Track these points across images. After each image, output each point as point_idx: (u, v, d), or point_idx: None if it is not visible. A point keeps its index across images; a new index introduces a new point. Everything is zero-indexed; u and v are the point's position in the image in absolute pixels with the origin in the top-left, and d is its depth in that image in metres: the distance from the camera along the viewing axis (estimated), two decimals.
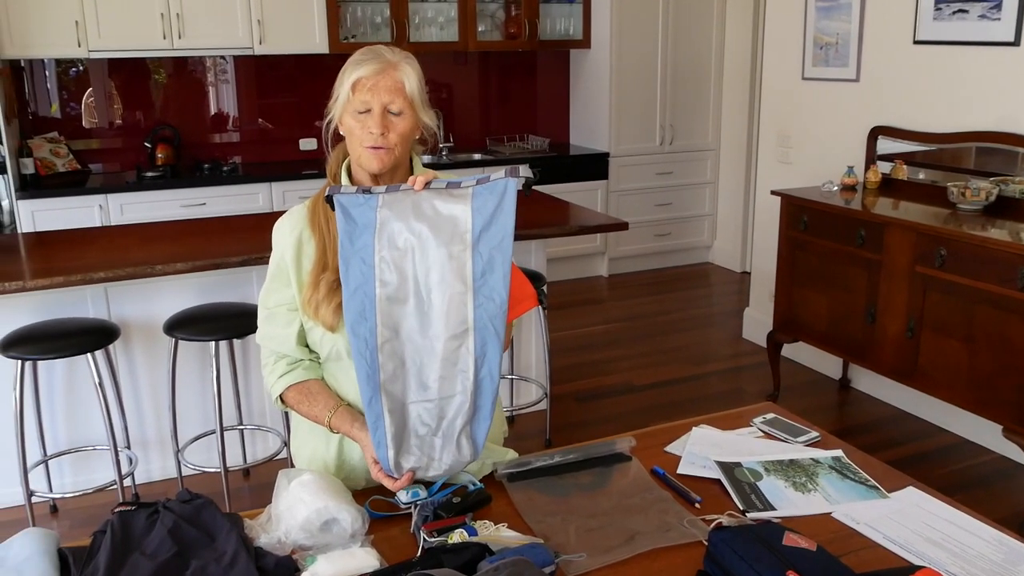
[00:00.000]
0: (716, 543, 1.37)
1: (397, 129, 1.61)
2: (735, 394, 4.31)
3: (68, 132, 5.23)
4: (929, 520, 1.55)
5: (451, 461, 1.51)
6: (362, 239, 1.47)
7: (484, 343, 1.47)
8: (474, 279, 1.45)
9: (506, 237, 1.45)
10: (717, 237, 6.69)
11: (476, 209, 1.45)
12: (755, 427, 1.93)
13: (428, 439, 1.51)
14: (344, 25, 5.45)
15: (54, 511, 3.30)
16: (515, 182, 1.44)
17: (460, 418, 1.49)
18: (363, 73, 1.59)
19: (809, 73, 4.41)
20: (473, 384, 1.48)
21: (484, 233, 1.45)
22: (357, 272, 1.47)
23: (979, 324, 3.11)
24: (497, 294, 1.46)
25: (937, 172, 3.81)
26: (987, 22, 3.48)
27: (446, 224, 1.45)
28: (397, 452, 1.51)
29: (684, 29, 6.16)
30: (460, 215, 1.45)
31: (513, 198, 1.44)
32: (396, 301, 1.47)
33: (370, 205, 1.47)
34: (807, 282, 3.88)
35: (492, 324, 1.47)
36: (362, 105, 1.59)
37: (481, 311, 1.46)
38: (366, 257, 1.46)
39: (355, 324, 1.47)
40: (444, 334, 1.47)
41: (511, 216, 1.44)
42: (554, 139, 6.51)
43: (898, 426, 3.94)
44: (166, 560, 1.34)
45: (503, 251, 1.45)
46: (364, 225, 1.47)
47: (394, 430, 1.50)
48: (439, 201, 1.46)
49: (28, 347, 2.85)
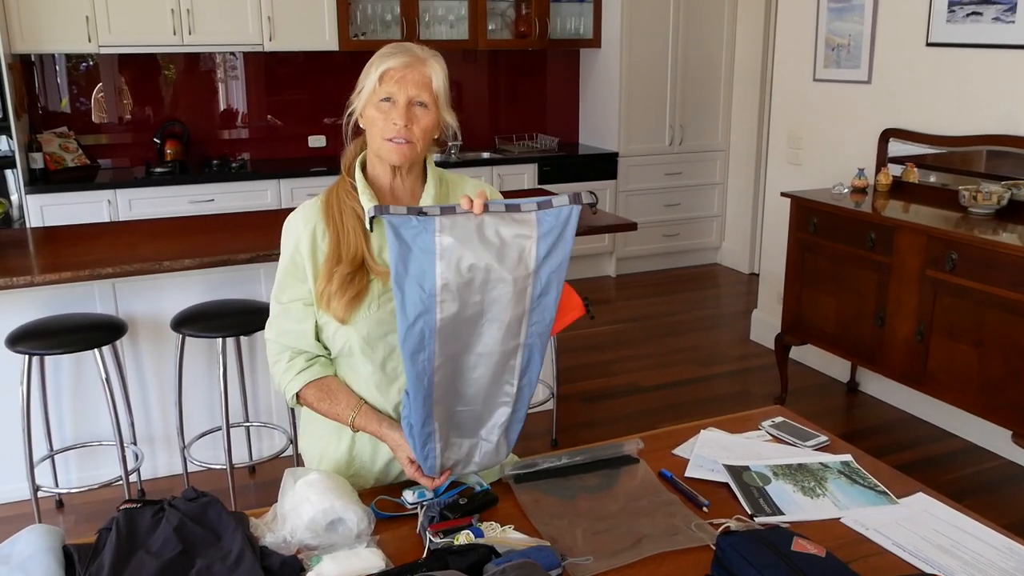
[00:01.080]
0: (724, 548, 1.36)
1: (421, 123, 1.61)
2: (742, 396, 4.29)
3: (78, 127, 5.24)
4: (939, 526, 1.53)
5: (488, 461, 1.57)
6: (419, 265, 1.41)
7: (530, 356, 1.52)
8: (532, 302, 1.47)
9: (564, 261, 1.47)
10: (726, 238, 6.67)
11: (542, 237, 1.44)
12: (763, 430, 1.91)
13: (469, 443, 1.56)
14: (354, 22, 5.45)
15: (60, 506, 3.30)
16: (578, 209, 1.44)
17: (500, 424, 1.54)
18: (392, 64, 1.59)
19: (820, 74, 4.39)
20: (516, 393, 1.53)
21: (546, 259, 1.46)
22: (416, 300, 1.41)
23: (989, 328, 3.09)
24: (549, 313, 1.50)
25: (948, 175, 3.79)
26: (1001, 25, 3.46)
27: (511, 252, 1.43)
28: (442, 459, 1.54)
29: (695, 29, 6.14)
30: (526, 244, 1.44)
31: (575, 224, 1.45)
32: (455, 326, 1.45)
33: (428, 229, 1.41)
34: (816, 284, 3.86)
35: (540, 339, 1.51)
36: (387, 95, 1.59)
37: (533, 329, 1.50)
38: (425, 284, 1.41)
39: (414, 353, 1.45)
40: (497, 351, 1.49)
41: (571, 242, 1.46)
42: (563, 138, 6.49)
43: (906, 430, 3.92)
44: (171, 558, 1.34)
45: (559, 274, 1.48)
46: (421, 250, 1.41)
47: (443, 443, 1.53)
48: (504, 227, 1.43)
49: (35, 342, 2.86)
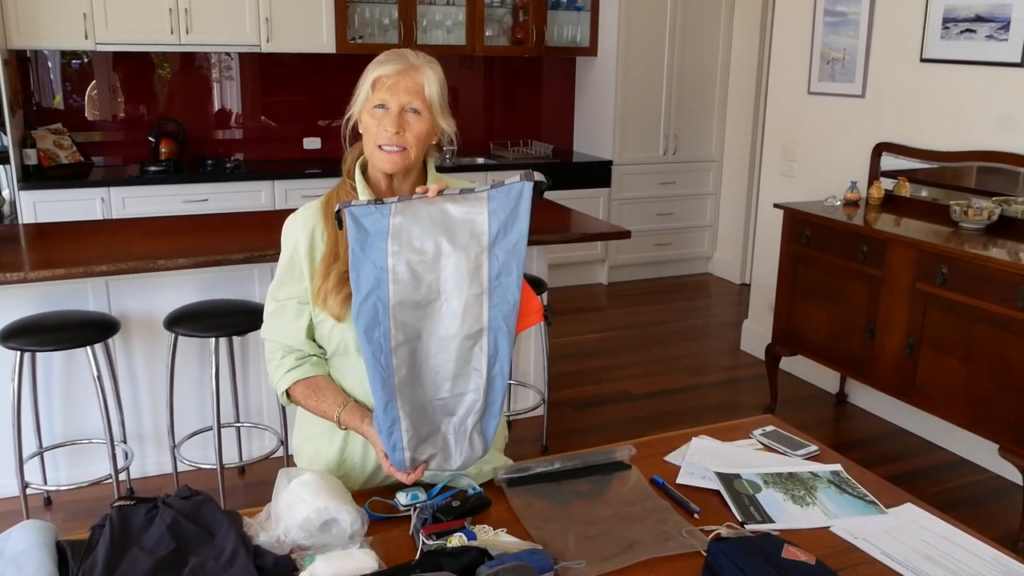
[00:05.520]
0: (715, 554, 1.37)
1: (413, 130, 1.62)
2: (731, 406, 4.31)
3: (72, 124, 5.22)
4: (927, 537, 1.55)
5: (464, 457, 1.54)
6: (374, 245, 1.47)
7: (497, 342, 1.50)
8: (490, 281, 1.48)
9: (521, 240, 1.47)
10: (718, 248, 6.70)
11: (492, 212, 1.47)
12: (755, 439, 1.93)
13: (442, 436, 1.53)
14: (352, 25, 5.46)
15: (48, 504, 3.29)
16: (530, 186, 1.46)
17: (473, 415, 1.52)
18: (385, 71, 1.61)
19: (815, 88, 4.42)
20: (486, 382, 1.51)
21: (500, 236, 1.47)
22: (369, 276, 1.47)
23: (978, 343, 3.11)
24: (511, 294, 1.49)
25: (940, 190, 3.82)
26: (994, 43, 3.49)
27: (463, 228, 1.47)
28: (413, 452, 1.52)
29: (691, 40, 6.18)
30: (477, 219, 1.47)
31: (528, 202, 1.47)
32: (410, 304, 1.47)
33: (382, 213, 1.47)
34: (807, 296, 3.89)
35: (505, 323, 1.49)
36: (380, 102, 1.60)
37: (496, 311, 1.48)
38: (377, 260, 1.46)
39: (368, 329, 1.47)
40: (459, 334, 1.48)
41: (526, 219, 1.47)
42: (558, 146, 6.52)
43: (893, 442, 3.95)
44: (164, 556, 1.34)
45: (518, 254, 1.48)
46: (376, 232, 1.47)
47: (410, 433, 1.51)
48: (454, 206, 1.48)
49: (27, 338, 2.85)
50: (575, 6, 6.16)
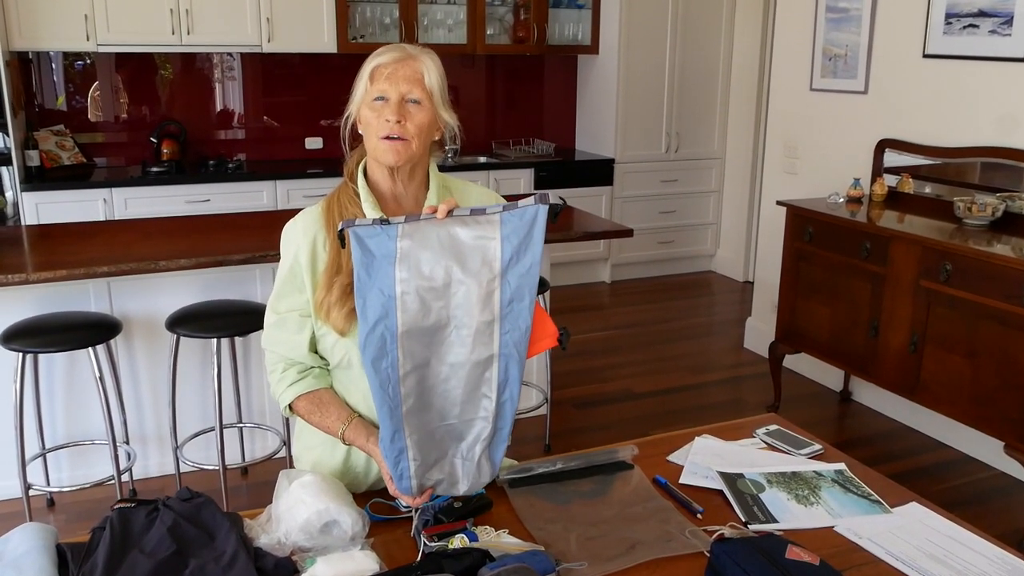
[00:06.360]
0: (718, 555, 1.36)
1: (415, 120, 1.58)
2: (735, 404, 4.30)
3: (74, 125, 5.23)
4: (932, 536, 1.54)
5: (471, 482, 1.48)
6: (381, 270, 1.39)
7: (508, 368, 1.44)
8: (501, 308, 1.41)
9: (534, 265, 1.41)
10: (720, 246, 6.68)
11: (505, 237, 1.40)
12: (758, 438, 1.92)
13: (449, 461, 1.47)
14: (353, 25, 5.45)
15: (51, 505, 3.29)
16: (545, 209, 1.40)
17: (481, 442, 1.46)
18: (382, 61, 1.58)
19: (817, 84, 4.40)
20: (495, 408, 1.45)
21: (513, 262, 1.40)
22: (376, 305, 1.39)
23: (983, 340, 3.10)
24: (523, 321, 1.42)
25: (943, 186, 3.81)
26: (997, 38, 3.48)
27: (474, 253, 1.40)
28: (419, 479, 1.47)
29: (693, 37, 6.16)
30: (489, 244, 1.40)
31: (543, 226, 1.40)
32: (418, 331, 1.40)
33: (389, 235, 1.39)
34: (811, 293, 3.87)
35: (516, 350, 1.43)
36: (380, 93, 1.57)
37: (507, 338, 1.42)
38: (385, 288, 1.39)
39: (376, 360, 1.40)
40: (469, 361, 1.42)
41: (540, 244, 1.40)
42: (560, 144, 6.51)
43: (898, 440, 3.93)
44: (165, 558, 1.33)
45: (531, 279, 1.41)
46: (383, 256, 1.39)
47: (418, 462, 1.45)
48: (465, 229, 1.40)
49: (29, 340, 2.85)
50: (576, 4, 6.14)
